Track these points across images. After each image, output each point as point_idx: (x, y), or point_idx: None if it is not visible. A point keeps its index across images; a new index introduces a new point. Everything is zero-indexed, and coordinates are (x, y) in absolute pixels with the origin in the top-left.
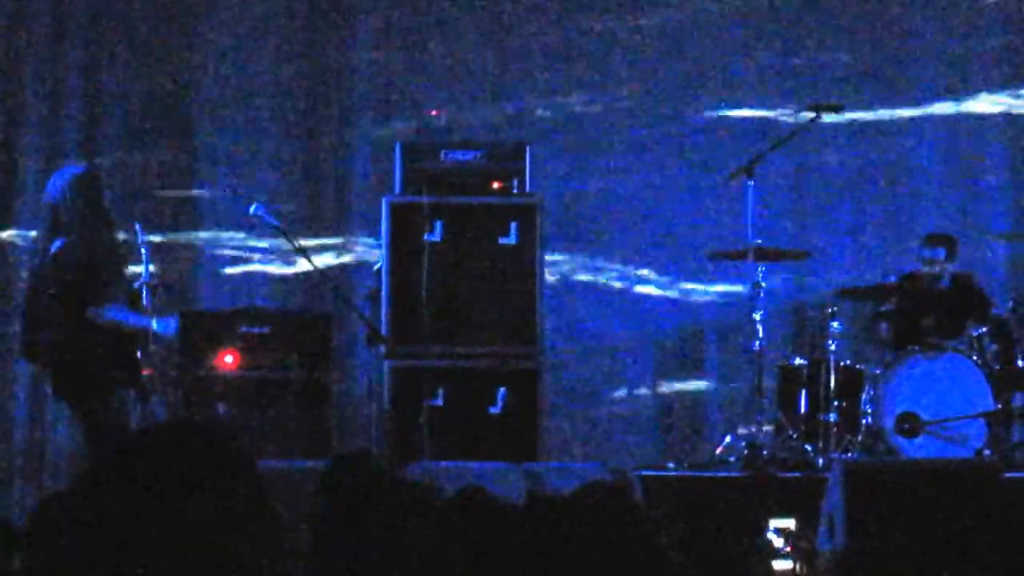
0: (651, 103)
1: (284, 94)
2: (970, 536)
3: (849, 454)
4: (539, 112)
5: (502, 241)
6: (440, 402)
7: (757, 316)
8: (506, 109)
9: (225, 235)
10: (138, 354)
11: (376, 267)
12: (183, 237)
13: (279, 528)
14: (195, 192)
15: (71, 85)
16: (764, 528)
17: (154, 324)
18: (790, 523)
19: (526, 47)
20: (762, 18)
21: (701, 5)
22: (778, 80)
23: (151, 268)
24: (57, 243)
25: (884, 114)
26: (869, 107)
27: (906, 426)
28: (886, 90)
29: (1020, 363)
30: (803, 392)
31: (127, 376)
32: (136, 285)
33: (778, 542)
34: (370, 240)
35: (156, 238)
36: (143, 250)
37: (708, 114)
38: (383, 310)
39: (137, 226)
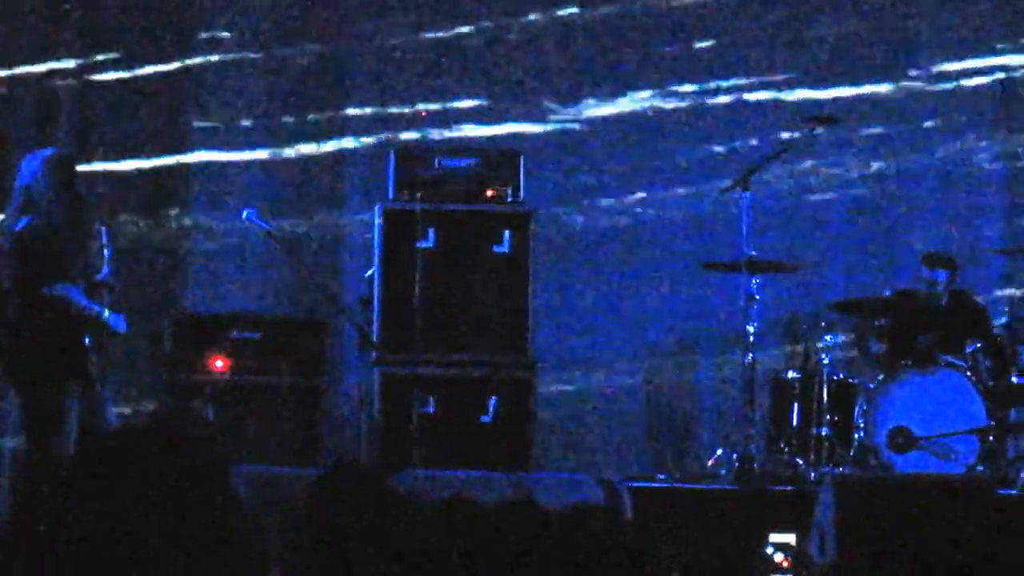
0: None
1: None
2: (962, 552)
3: (841, 468)
4: (532, 124)
5: (495, 249)
6: (431, 410)
7: (750, 328)
8: (499, 120)
9: (216, 237)
10: (87, 344)
11: (368, 273)
12: (171, 236)
13: (253, 533)
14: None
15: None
16: (762, 542)
17: (106, 314)
18: (790, 538)
19: (518, 60)
20: (759, 38)
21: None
22: (779, 94)
23: (109, 271)
24: (22, 221)
25: (880, 125)
26: (867, 118)
27: (899, 441)
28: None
29: (1014, 379)
30: (795, 405)
31: (74, 365)
32: (98, 278)
33: (777, 557)
34: (363, 246)
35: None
36: (105, 252)
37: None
38: (375, 317)
39: (103, 229)
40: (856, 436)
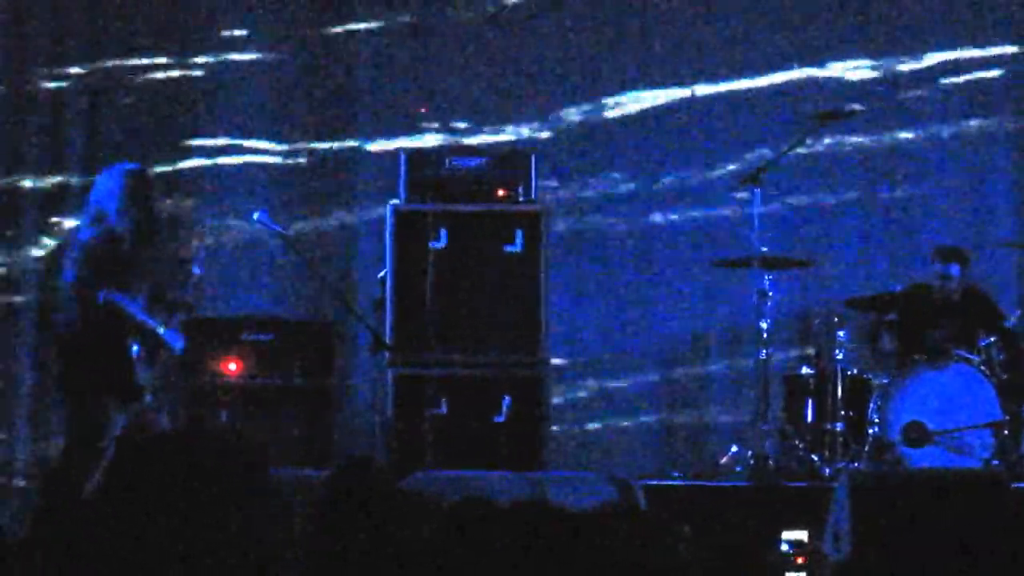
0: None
1: (288, 99)
2: (977, 546)
3: (856, 464)
4: (542, 121)
5: (507, 249)
6: (444, 410)
7: (763, 325)
8: (509, 119)
9: (226, 238)
10: (133, 356)
11: (380, 275)
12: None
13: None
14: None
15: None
16: (773, 539)
17: (161, 329)
18: (802, 535)
19: (526, 59)
20: (766, 38)
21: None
22: (791, 90)
23: (189, 292)
24: (89, 231)
25: (892, 123)
26: (877, 115)
27: (913, 436)
28: (896, 95)
29: None
30: (810, 401)
31: (118, 377)
32: (174, 298)
33: (791, 554)
34: (374, 247)
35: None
36: (195, 271)
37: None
38: (387, 318)
39: (200, 247)
40: (870, 432)
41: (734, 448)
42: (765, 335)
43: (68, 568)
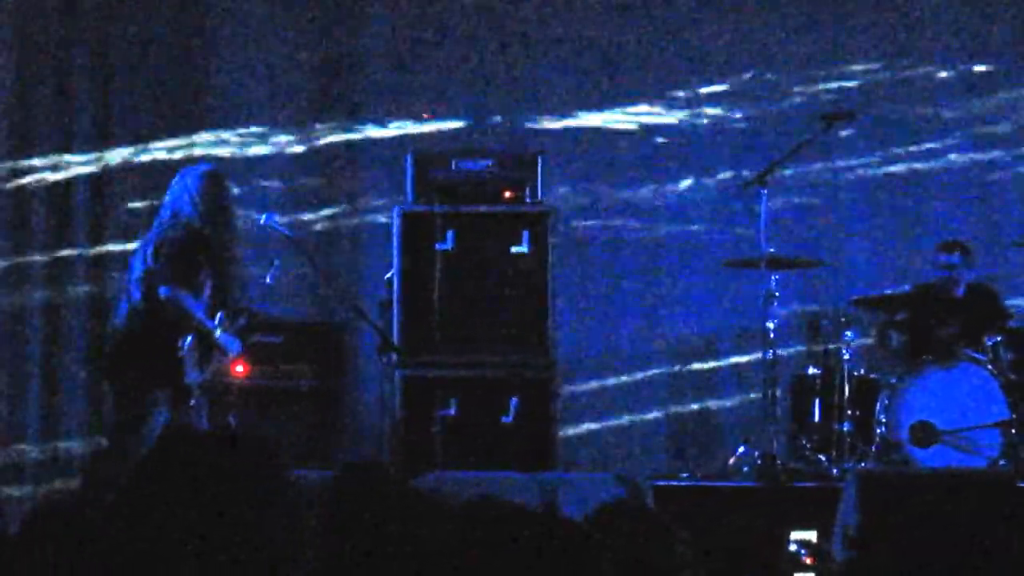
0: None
1: (295, 96)
2: (985, 546)
3: (863, 464)
4: (550, 123)
5: (514, 250)
6: (452, 412)
7: (771, 325)
8: (517, 120)
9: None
10: (184, 353)
11: (388, 276)
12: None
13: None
14: None
15: (81, 77)
16: (781, 539)
17: (218, 333)
18: (811, 535)
19: (535, 58)
20: (776, 34)
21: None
22: (797, 91)
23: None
24: (161, 228)
25: (901, 121)
26: (885, 114)
27: (921, 436)
28: (903, 96)
29: None
30: (817, 402)
31: (166, 373)
32: (240, 305)
33: (800, 554)
34: (382, 249)
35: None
36: (268, 280)
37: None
38: (395, 319)
39: (277, 262)
40: (878, 432)
41: (741, 448)
42: (772, 335)
43: (71, 563)
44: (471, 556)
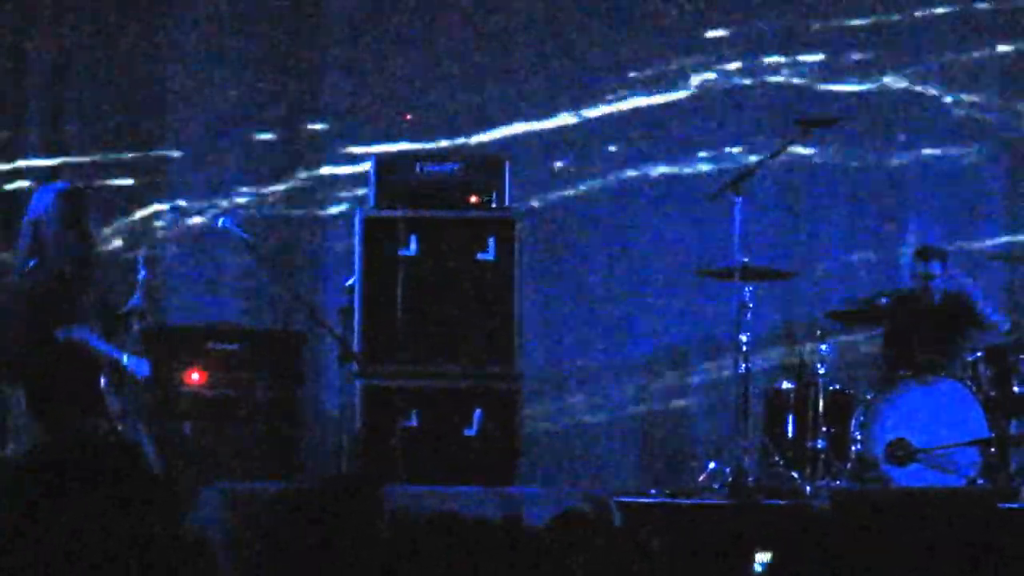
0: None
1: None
2: (963, 568)
3: (838, 482)
4: (520, 127)
5: (480, 257)
6: (414, 423)
7: (743, 337)
8: (487, 125)
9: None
10: (103, 387)
11: (349, 283)
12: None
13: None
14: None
15: (36, 84)
16: (750, 558)
17: (125, 359)
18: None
19: (505, 63)
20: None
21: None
22: (771, 97)
23: (140, 299)
24: (32, 261)
25: (877, 130)
26: (862, 123)
27: (898, 453)
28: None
29: (1017, 389)
30: (790, 417)
31: (91, 409)
32: (125, 309)
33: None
34: (343, 254)
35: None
36: (140, 276)
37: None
38: (356, 327)
39: (140, 259)
40: (853, 449)
41: (712, 464)
42: (745, 348)
43: None
44: (429, 572)
